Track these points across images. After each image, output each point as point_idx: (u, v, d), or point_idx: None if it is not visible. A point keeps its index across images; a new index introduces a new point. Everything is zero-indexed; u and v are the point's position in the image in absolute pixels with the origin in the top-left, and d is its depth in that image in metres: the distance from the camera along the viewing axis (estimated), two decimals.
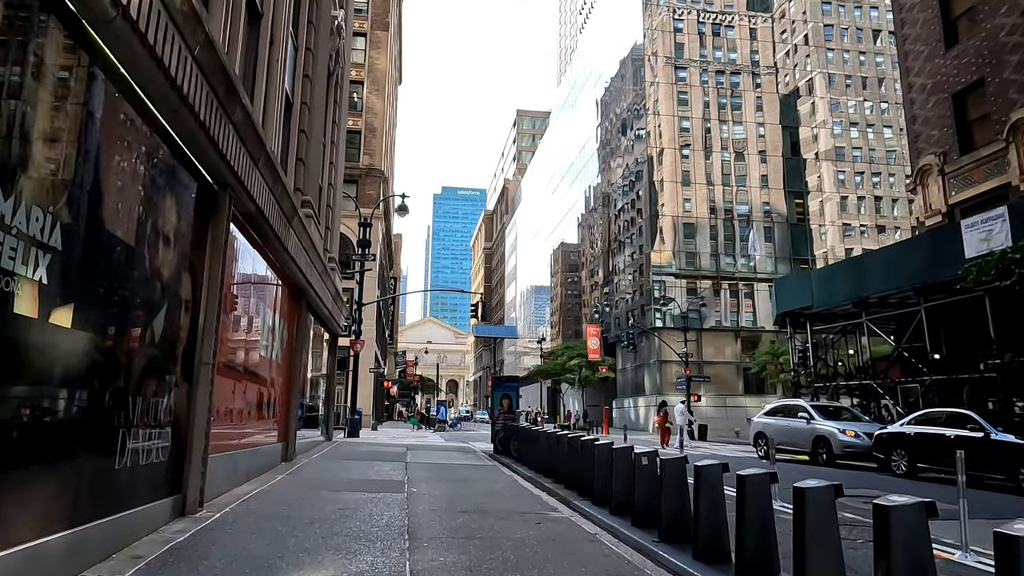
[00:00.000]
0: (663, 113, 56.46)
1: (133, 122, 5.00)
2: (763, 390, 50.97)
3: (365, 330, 39.39)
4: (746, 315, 54.28)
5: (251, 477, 9.14)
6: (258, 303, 9.38)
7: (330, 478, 9.90)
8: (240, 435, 8.72)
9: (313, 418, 16.52)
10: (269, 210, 8.48)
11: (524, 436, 13.28)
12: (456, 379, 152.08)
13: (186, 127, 5.55)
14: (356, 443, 18.76)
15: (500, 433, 16.36)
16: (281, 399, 11.68)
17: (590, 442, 9.07)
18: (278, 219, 9.12)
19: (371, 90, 44.30)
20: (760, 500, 4.87)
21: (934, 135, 20.20)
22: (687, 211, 55.09)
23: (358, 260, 23.43)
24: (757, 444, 18.97)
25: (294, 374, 12.23)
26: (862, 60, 69.05)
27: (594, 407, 54.89)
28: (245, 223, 8.18)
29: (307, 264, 11.99)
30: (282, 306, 11.25)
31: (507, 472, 12.13)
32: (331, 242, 17.85)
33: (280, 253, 9.87)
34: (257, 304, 9.33)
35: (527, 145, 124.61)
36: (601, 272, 66.31)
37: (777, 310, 22.43)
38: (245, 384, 8.85)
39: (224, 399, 7.90)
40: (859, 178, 64.59)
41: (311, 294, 13.07)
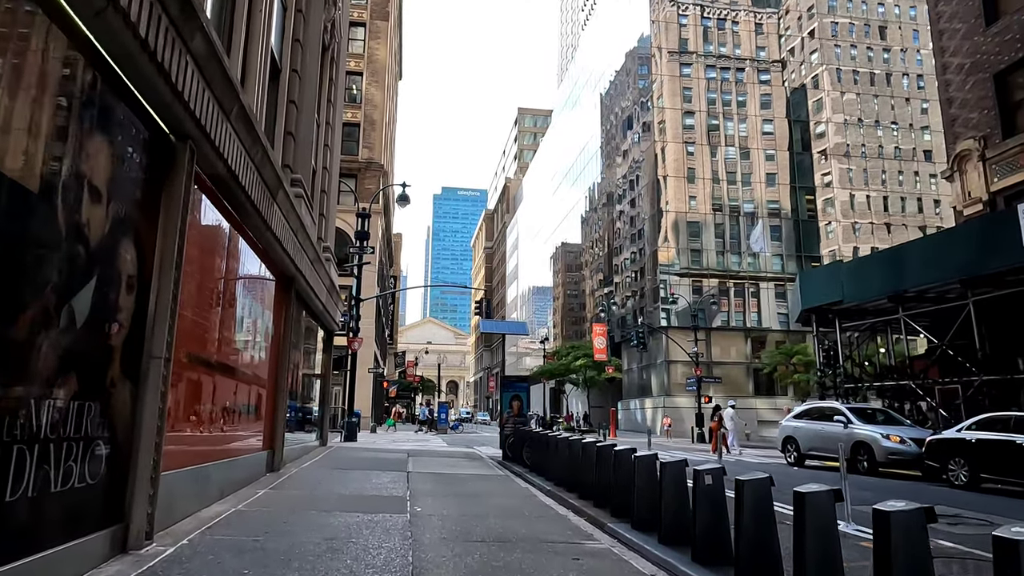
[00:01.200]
0: (667, 108, 55.17)
1: (43, 26, 3.63)
2: (773, 391, 49.64)
3: (364, 329, 38.01)
4: (752, 315, 52.98)
5: (226, 493, 7.76)
6: (236, 289, 8.01)
7: (320, 493, 8.52)
8: (212, 443, 7.35)
9: (307, 421, 15.13)
10: (247, 177, 7.11)
11: (539, 443, 11.89)
12: (456, 380, 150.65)
13: (120, 44, 4.17)
14: (353, 448, 17.39)
15: (510, 439, 14.97)
16: (267, 401, 10.31)
17: (627, 453, 7.70)
18: (259, 190, 7.75)
19: (370, 81, 42.94)
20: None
21: (973, 118, 18.82)
22: (692, 208, 53.76)
23: (356, 253, 22.06)
24: (786, 449, 17.58)
25: (281, 372, 10.85)
26: (870, 56, 67.81)
27: (598, 408, 53.54)
28: (216, 190, 6.81)
29: (296, 249, 10.62)
30: (267, 295, 9.88)
31: (521, 484, 10.75)
32: (326, 231, 16.48)
33: (262, 232, 8.50)
34: (235, 290, 7.96)
35: (528, 144, 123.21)
36: (603, 272, 65.07)
37: (802, 305, 21.02)
38: (219, 383, 7.48)
39: (189, 401, 6.53)
40: (866, 175, 63.28)
41: (301, 283, 11.70)
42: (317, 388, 16.45)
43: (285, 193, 9.11)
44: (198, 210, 6.42)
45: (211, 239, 6.99)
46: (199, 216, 6.49)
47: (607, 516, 7.57)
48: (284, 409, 10.88)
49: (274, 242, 9.10)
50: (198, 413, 6.81)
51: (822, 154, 61.21)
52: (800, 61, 67.74)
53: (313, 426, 16.02)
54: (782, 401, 48.27)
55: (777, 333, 51.19)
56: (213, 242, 7.08)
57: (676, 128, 54.94)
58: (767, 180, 56.44)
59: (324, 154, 16.40)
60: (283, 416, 10.80)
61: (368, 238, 22.74)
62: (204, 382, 6.96)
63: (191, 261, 6.17)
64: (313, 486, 9.15)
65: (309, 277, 12.14)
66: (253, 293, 8.92)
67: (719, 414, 21.93)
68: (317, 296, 13.46)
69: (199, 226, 6.55)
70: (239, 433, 8.64)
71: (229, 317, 7.75)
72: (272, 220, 8.61)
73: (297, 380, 13.18)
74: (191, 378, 6.51)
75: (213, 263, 7.09)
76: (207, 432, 7.14)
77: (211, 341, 7.09)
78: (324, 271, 14.13)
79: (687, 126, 55.69)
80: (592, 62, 73.61)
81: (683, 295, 48.09)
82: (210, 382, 7.15)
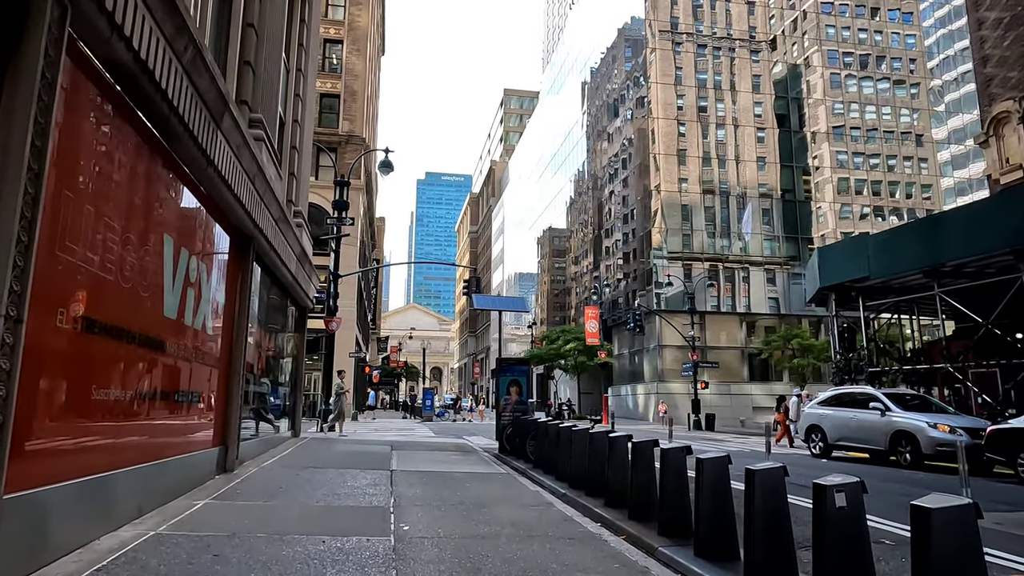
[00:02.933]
0: (658, 88, 53.43)
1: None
2: (767, 376, 48.39)
3: (345, 311, 35.93)
4: (742, 299, 51.61)
5: (148, 509, 5.84)
6: (163, 236, 6.04)
7: (278, 505, 6.63)
8: (124, 443, 5.41)
9: (275, 409, 13.19)
10: (170, 80, 5.12)
11: (549, 436, 10.06)
12: (440, 366, 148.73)
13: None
14: (330, 440, 15.47)
15: (508, 429, 13.15)
16: (217, 385, 8.37)
17: (679, 452, 5.91)
18: (193, 106, 5.76)
19: (351, 50, 40.54)
20: None
21: (1012, 77, 17.13)
22: (684, 190, 52.16)
23: (334, 224, 19.98)
24: (810, 439, 15.94)
25: (237, 350, 8.90)
26: (862, 38, 66.53)
27: (587, 395, 52.00)
28: (121, 88, 4.84)
29: (254, 201, 8.64)
30: (215, 253, 7.91)
31: (530, 486, 8.93)
32: (298, 194, 14.46)
33: (203, 168, 6.53)
34: (161, 237, 6.00)
35: (514, 125, 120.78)
36: (590, 256, 63.63)
37: (820, 283, 19.33)
38: (136, 360, 5.54)
39: (80, 384, 4.59)
40: (859, 159, 62.10)
41: (263, 245, 9.72)
42: (288, 372, 14.48)
43: (235, 123, 7.11)
44: (86, 107, 4.45)
45: (116, 157, 5.01)
46: (90, 117, 4.52)
47: (653, 535, 5.77)
48: (240, 396, 8.93)
49: (221, 185, 7.13)
50: (98, 401, 4.87)
51: (813, 136, 59.89)
52: (792, 42, 66.27)
53: (283, 415, 14.07)
54: (778, 387, 46.99)
55: (768, 317, 49.90)
56: (121, 162, 5.10)
57: (668, 108, 53.25)
58: (759, 163, 55.01)
59: (295, 105, 14.35)
60: (238, 404, 8.86)
61: (347, 208, 20.67)
62: (108, 358, 5.02)
63: (73, 176, 4.21)
64: (271, 493, 7.24)
65: (273, 240, 10.16)
66: (193, 246, 6.95)
67: (785, 404, 20.05)
68: (285, 264, 11.48)
69: (92, 133, 4.59)
70: (173, 426, 6.71)
71: (152, 271, 5.80)
72: (216, 154, 6.64)
73: (261, 361, 11.22)
74: (82, 351, 4.57)
75: (121, 191, 5.11)
76: (114, 427, 5.20)
77: (120, 301, 5.14)
78: (294, 237, 12.14)
79: (679, 106, 54.03)
80: (579, 43, 71.86)
81: (678, 277, 46.50)
82: (119, 358, 5.20)
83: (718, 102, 55.50)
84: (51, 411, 4.23)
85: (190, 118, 5.78)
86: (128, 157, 5.23)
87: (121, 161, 5.10)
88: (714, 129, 54.27)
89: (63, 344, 4.28)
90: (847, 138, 60.42)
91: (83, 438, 4.71)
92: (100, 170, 4.72)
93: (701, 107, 54.61)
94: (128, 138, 5.20)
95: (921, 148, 62.59)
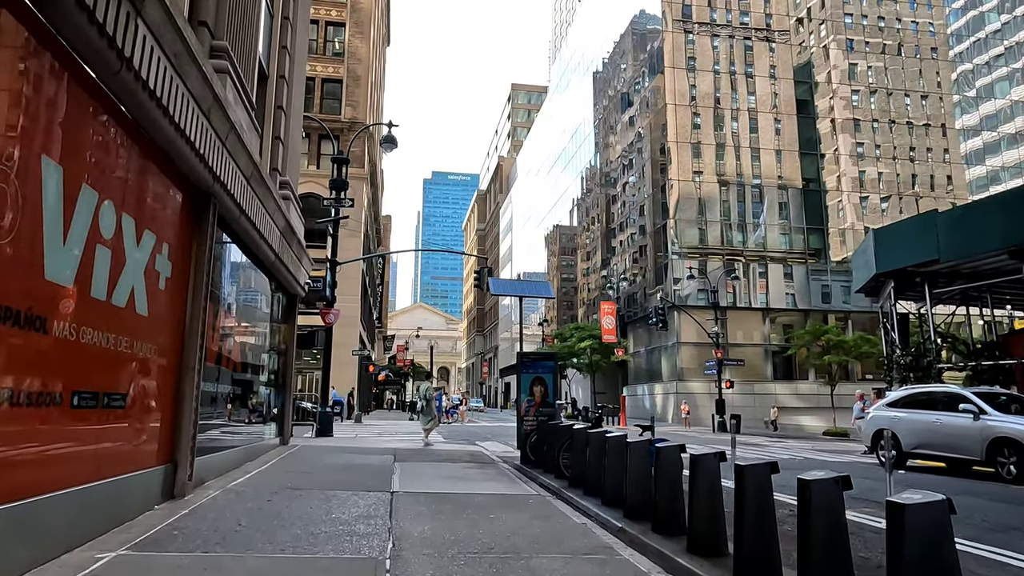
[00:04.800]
0: (673, 77, 51.36)
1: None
2: (792, 375, 46.14)
3: (347, 307, 33.94)
4: (758, 295, 49.37)
5: (26, 566, 3.81)
6: (36, 156, 4.00)
7: (223, 558, 4.58)
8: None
9: (256, 412, 11.16)
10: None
11: (592, 449, 7.94)
12: (448, 366, 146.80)
13: None
14: (323, 447, 13.44)
15: (533, 436, 11.08)
16: (163, 385, 6.35)
17: (830, 485, 3.84)
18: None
19: (354, 32, 38.58)
20: None
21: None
22: (699, 182, 50.00)
23: (331, 205, 17.94)
24: (878, 447, 13.78)
25: (191, 340, 6.86)
26: (881, 26, 64.08)
27: (601, 395, 49.87)
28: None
29: (213, 145, 6.62)
30: (146, 205, 5.87)
31: (573, 516, 6.84)
32: (285, 163, 12.44)
33: (111, 71, 4.50)
34: (33, 158, 3.96)
35: (522, 121, 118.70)
36: (600, 253, 61.73)
37: (877, 268, 17.14)
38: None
39: None
40: (878, 151, 59.67)
41: (228, 207, 7.69)
42: (275, 369, 12.44)
43: (169, 20, 5.06)
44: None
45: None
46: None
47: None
48: (196, 398, 6.89)
49: (153, 107, 5.10)
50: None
51: (832, 126, 57.53)
52: (810, 31, 63.90)
53: (269, 419, 12.04)
54: (803, 386, 44.80)
55: (791, 313, 47.65)
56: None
57: (682, 98, 51.16)
58: (776, 153, 52.83)
59: (281, 59, 12.34)
60: (194, 409, 6.82)
61: (346, 188, 18.61)
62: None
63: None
64: (222, 535, 5.18)
65: (245, 203, 8.13)
66: (106, 186, 4.91)
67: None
68: (264, 238, 9.44)
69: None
70: (79, 443, 4.68)
71: (21, 207, 3.76)
72: (138, 57, 4.60)
73: (235, 355, 9.19)
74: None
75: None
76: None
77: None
78: (275, 205, 10.10)
79: (693, 96, 51.93)
80: (589, 37, 70.10)
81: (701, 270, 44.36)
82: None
83: (733, 92, 53.38)
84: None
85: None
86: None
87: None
88: (729, 120, 52.17)
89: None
90: (868, 129, 58.02)
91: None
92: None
93: (716, 98, 52.51)
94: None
95: (944, 140, 60.18)
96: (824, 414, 40.10)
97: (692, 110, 51.26)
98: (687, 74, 51.79)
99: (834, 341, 35.55)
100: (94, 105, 4.71)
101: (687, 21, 54.31)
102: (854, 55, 59.28)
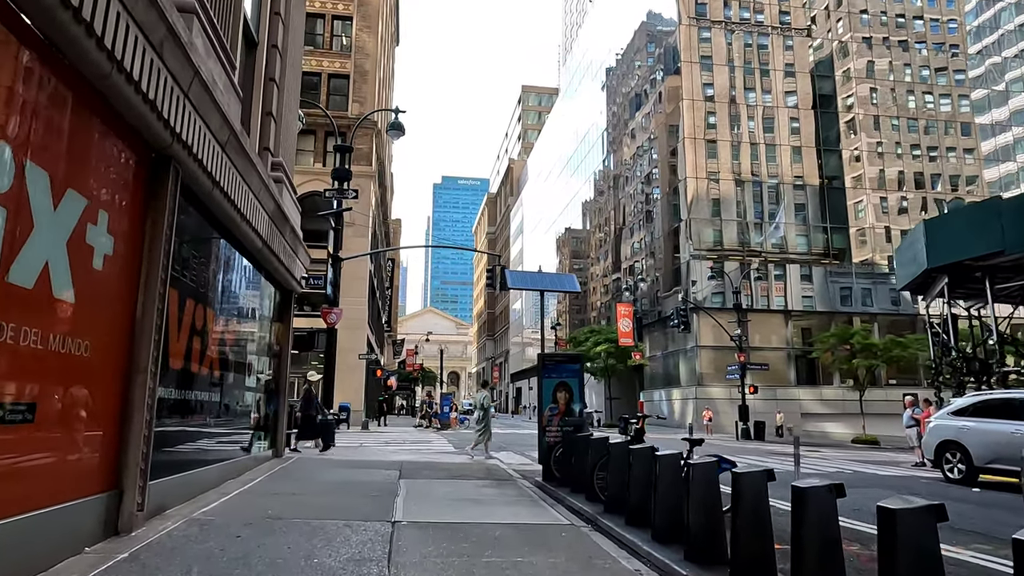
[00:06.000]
0: (689, 73, 50.02)
1: None
2: (815, 379, 44.41)
3: (354, 309, 32.67)
4: (776, 297, 47.69)
5: None
6: None
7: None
8: None
9: (239, 422, 9.82)
10: None
11: (637, 470, 6.52)
12: (458, 371, 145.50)
13: None
14: (322, 460, 12.09)
15: (558, 449, 9.69)
16: (103, 391, 5.02)
17: None
18: None
19: (361, 27, 37.44)
20: None
21: None
22: (715, 182, 48.50)
23: (334, 196, 16.64)
24: (943, 459, 12.26)
25: (143, 334, 5.53)
26: (900, 22, 62.30)
27: (616, 400, 48.33)
28: None
29: (169, 92, 5.29)
30: (80, 162, 4.54)
31: (621, 559, 5.41)
32: (277, 141, 11.14)
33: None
34: None
35: (533, 123, 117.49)
36: (611, 256, 60.42)
37: (929, 262, 15.61)
38: None
39: None
40: (899, 148, 57.81)
41: (196, 176, 6.36)
42: (265, 373, 11.11)
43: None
44: None
45: None
46: None
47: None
48: (150, 409, 5.55)
49: (73, 25, 3.80)
50: None
51: (849, 125, 55.79)
52: (827, 28, 62.25)
53: (257, 429, 10.69)
54: (829, 391, 43.09)
55: (815, 315, 45.99)
56: None
57: (697, 96, 49.75)
58: (793, 152, 51.27)
59: (274, 25, 11.05)
60: (146, 420, 5.48)
61: (349, 178, 17.28)
62: None
63: None
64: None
65: (218, 173, 6.80)
66: (17, 144, 3.59)
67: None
68: (247, 220, 8.11)
69: None
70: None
71: None
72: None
73: (210, 354, 7.83)
74: None
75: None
76: None
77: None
78: (261, 184, 8.76)
79: (708, 95, 50.48)
80: (599, 39, 69.14)
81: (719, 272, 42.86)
82: None
83: (748, 91, 51.90)
84: None
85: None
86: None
87: None
88: (745, 119, 50.69)
89: None
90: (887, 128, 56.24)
91: None
92: None
93: (732, 96, 51.03)
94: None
95: (968, 139, 58.30)
96: (850, 421, 38.39)
97: (707, 108, 49.85)
98: (702, 72, 50.40)
99: (862, 344, 33.90)
100: (87, 114, 3.39)
101: (701, 19, 52.98)
102: (871, 52, 57.59)
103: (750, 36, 53.61)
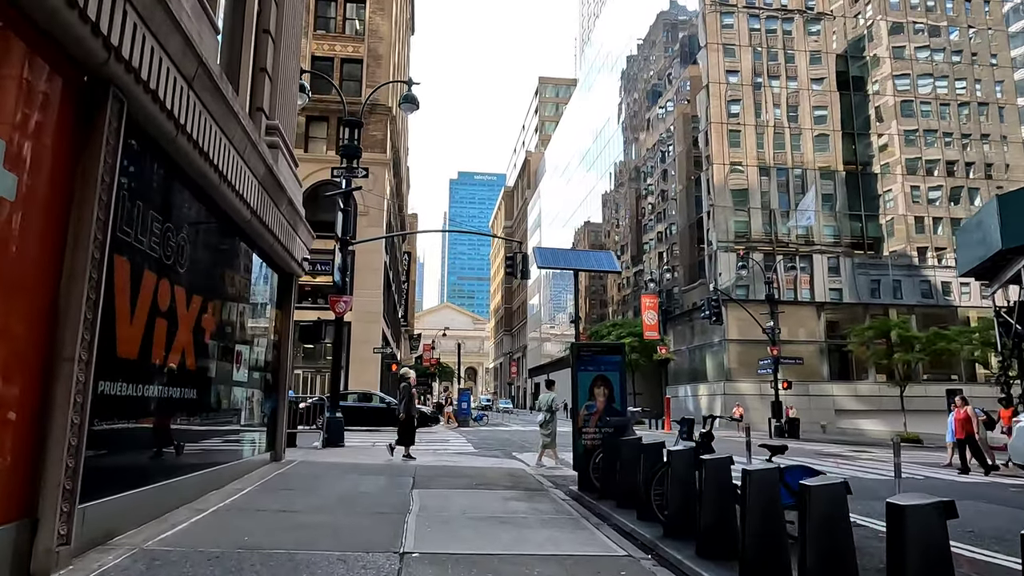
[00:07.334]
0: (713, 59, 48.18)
1: None
2: (849, 375, 42.49)
3: (370, 301, 31.42)
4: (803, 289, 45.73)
5: None
6: None
7: None
8: None
9: (229, 420, 8.51)
10: None
11: (712, 489, 5.11)
12: (475, 367, 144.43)
13: None
14: (326, 464, 10.76)
15: (598, 455, 8.27)
16: (14, 392, 3.69)
17: None
18: None
19: (375, 9, 36.08)
20: None
21: None
22: (739, 171, 46.61)
23: (343, 175, 15.32)
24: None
25: (70, 312, 4.18)
26: (930, 5, 59.61)
27: (639, 396, 46.74)
28: None
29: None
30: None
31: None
32: (273, 102, 9.80)
33: None
34: None
35: (550, 115, 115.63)
36: (631, 249, 58.83)
37: (1004, 243, 14.00)
38: None
39: None
40: (931, 136, 55.32)
41: (151, 112, 4.98)
42: (260, 365, 9.79)
43: None
44: None
45: None
46: None
47: None
48: (80, 409, 4.21)
49: None
50: None
51: (879, 111, 53.44)
52: (855, 12, 59.79)
53: (250, 429, 9.38)
54: (864, 387, 41.17)
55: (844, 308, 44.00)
56: None
57: (721, 82, 47.86)
58: (820, 140, 49.21)
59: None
60: (74, 425, 4.14)
61: (359, 156, 15.94)
62: None
63: None
64: None
65: (184, 115, 5.44)
66: None
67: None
68: (227, 180, 6.75)
69: None
70: None
71: None
72: None
73: (180, 343, 6.49)
74: None
75: None
76: None
77: None
78: (246, 140, 7.39)
79: (731, 82, 48.55)
80: (617, 29, 67.64)
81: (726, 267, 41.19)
82: None
83: (773, 78, 49.86)
84: None
85: None
86: None
87: None
88: (771, 105, 48.70)
89: None
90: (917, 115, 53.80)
91: None
92: None
93: (756, 83, 49.05)
94: None
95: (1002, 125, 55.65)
96: (886, 417, 36.51)
97: (731, 95, 47.96)
98: (725, 59, 48.51)
99: (902, 337, 32.04)
100: None
101: (724, 4, 51.04)
102: (902, 36, 55.17)
103: (777, 20, 51.57)
